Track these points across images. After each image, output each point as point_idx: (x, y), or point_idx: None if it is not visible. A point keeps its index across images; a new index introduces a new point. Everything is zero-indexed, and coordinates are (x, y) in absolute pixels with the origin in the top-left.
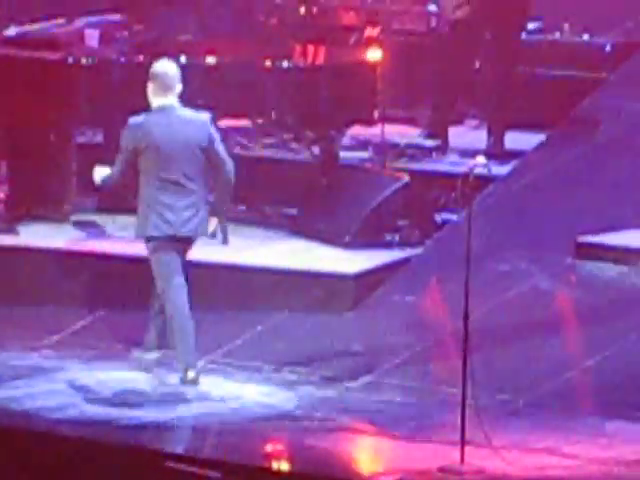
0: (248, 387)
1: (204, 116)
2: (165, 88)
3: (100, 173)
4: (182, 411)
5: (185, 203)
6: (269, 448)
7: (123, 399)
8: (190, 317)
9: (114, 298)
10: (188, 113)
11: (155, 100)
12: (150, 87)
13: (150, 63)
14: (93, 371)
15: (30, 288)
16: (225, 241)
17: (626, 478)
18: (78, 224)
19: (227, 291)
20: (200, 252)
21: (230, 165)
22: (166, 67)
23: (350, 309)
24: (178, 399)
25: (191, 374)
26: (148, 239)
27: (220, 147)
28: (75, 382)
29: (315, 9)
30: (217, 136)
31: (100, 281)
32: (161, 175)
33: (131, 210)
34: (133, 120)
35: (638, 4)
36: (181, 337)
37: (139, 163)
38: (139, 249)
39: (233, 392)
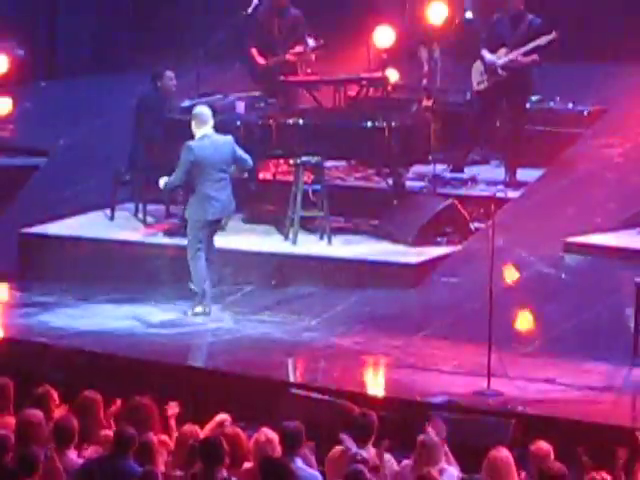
0: (345, 339)
1: (229, 138)
2: (203, 122)
3: (163, 180)
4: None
5: (226, 194)
6: (355, 376)
7: None
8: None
9: None
10: (220, 137)
11: (198, 131)
12: (193, 123)
13: (279, 124)
14: None
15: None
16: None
17: (597, 400)
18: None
19: (329, 275)
20: (308, 248)
21: (249, 160)
22: (202, 109)
23: (412, 287)
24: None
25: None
26: (197, 220)
27: (241, 151)
28: None
29: (389, 87)
30: (236, 147)
31: None
32: (209, 177)
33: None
34: (189, 144)
35: (605, 83)
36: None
37: (193, 171)
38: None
39: (337, 344)
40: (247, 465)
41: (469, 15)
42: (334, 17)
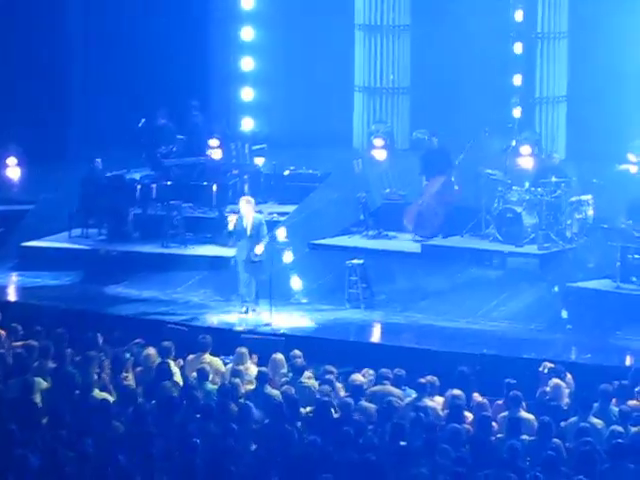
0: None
1: (261, 216)
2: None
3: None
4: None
5: None
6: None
7: None
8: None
9: None
10: (258, 215)
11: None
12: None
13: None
14: None
15: None
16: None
17: (336, 326)
18: None
19: None
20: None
21: (264, 232)
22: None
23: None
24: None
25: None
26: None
27: (262, 228)
28: None
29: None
30: (262, 224)
31: None
32: None
33: None
34: None
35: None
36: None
37: None
38: None
39: None
40: (140, 368)
41: None
42: None
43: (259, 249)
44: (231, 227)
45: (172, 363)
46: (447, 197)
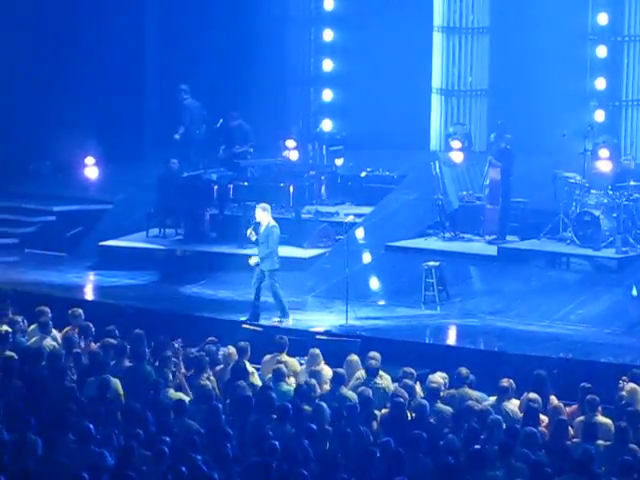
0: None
1: (274, 224)
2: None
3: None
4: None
5: None
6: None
7: None
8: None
9: None
10: (272, 223)
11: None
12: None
13: (235, 186)
14: None
15: None
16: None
17: (403, 326)
18: None
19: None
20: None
21: (264, 249)
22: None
23: (304, 270)
24: None
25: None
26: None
27: (271, 237)
28: None
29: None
30: (271, 233)
31: None
32: None
33: None
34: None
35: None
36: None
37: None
38: None
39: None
40: (220, 367)
41: None
42: None
43: (252, 260)
44: (253, 238)
45: (247, 363)
46: (497, 194)
